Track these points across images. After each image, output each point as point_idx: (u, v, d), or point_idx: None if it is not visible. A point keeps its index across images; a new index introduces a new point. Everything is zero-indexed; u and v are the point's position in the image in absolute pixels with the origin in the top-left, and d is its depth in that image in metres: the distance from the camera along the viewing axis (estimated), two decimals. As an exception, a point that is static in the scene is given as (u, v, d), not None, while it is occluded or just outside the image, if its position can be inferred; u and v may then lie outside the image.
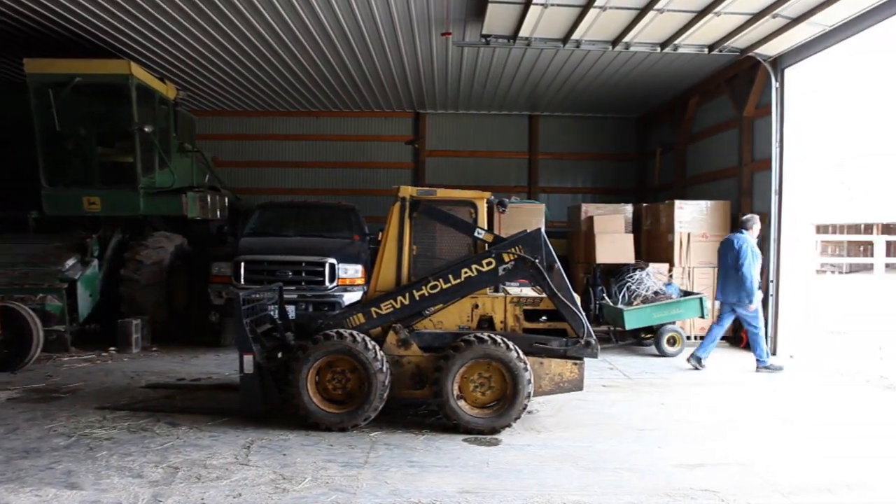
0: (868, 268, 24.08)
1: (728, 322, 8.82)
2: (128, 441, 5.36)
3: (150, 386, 7.27)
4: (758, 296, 8.41)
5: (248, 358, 5.78)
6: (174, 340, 10.03)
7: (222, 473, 4.66)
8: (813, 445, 5.59)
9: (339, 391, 5.84)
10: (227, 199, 12.05)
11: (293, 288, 9.10)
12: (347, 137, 15.25)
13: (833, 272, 27.30)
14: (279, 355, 6.08)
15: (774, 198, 9.70)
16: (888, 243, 25.04)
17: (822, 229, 31.19)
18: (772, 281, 9.72)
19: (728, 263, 8.55)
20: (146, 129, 9.68)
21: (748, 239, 8.52)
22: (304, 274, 9.33)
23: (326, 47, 10.14)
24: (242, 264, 9.23)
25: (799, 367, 9.01)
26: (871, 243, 24.90)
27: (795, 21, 8.26)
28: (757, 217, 8.87)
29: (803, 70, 9.56)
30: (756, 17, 8.25)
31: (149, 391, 7.07)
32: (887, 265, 23.67)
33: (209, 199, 11.03)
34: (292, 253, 9.50)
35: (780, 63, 9.62)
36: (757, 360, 8.61)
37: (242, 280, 9.14)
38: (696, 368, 8.64)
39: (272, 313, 6.77)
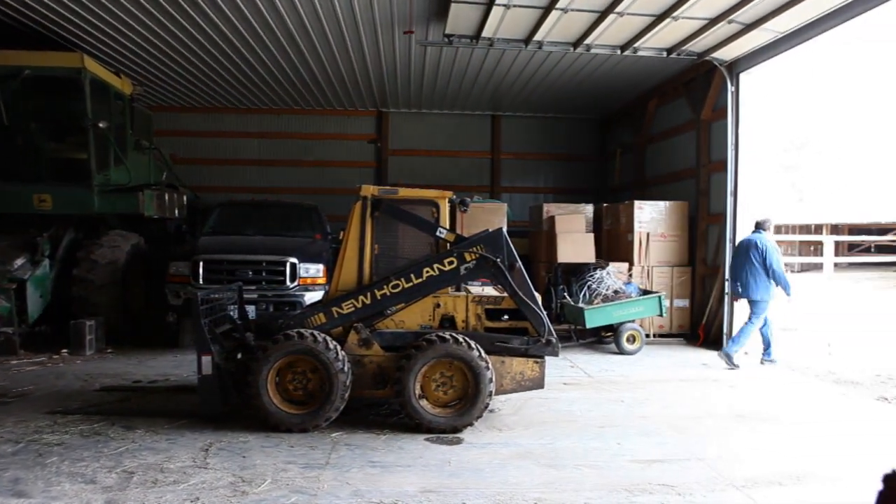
0: (818, 267, 24.86)
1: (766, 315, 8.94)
2: (80, 446, 5.20)
3: (105, 389, 7.07)
4: (792, 289, 8.74)
5: (206, 359, 5.67)
6: (130, 342, 9.79)
7: (179, 477, 4.57)
8: (765, 440, 5.75)
9: (299, 392, 5.78)
10: (185, 198, 11.81)
11: (253, 288, 8.96)
12: (309, 136, 15.11)
13: (786, 271, 28.09)
14: (238, 356, 5.99)
15: (730, 199, 9.95)
16: (836, 243, 25.90)
17: (774, 230, 32.11)
18: (727, 280, 9.96)
19: (753, 262, 8.71)
20: (101, 125, 9.42)
21: (770, 238, 8.85)
22: (264, 273, 9.21)
23: (287, 43, 10.02)
24: (201, 264, 9.07)
25: (752, 363, 9.26)
26: (820, 243, 25.72)
27: (749, 27, 8.49)
28: (771, 218, 9.16)
29: (757, 75, 9.83)
30: (712, 22, 8.44)
31: (103, 394, 6.87)
32: (836, 264, 24.47)
33: (167, 197, 10.80)
34: (252, 252, 9.37)
35: (735, 67, 9.87)
36: (727, 352, 8.77)
37: (201, 280, 8.97)
38: (772, 362, 8.88)
39: (232, 313, 6.65)
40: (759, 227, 9.04)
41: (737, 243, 9.40)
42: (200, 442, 5.33)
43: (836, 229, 27.74)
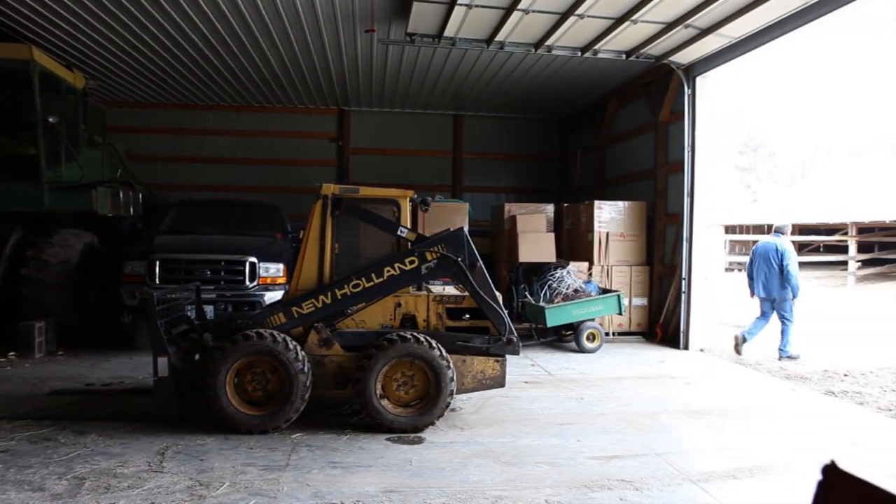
0: (771, 266, 25.56)
1: (771, 315, 9.59)
2: (28, 452, 5.03)
3: (55, 392, 6.85)
4: (800, 291, 9.36)
5: (162, 360, 5.55)
6: (83, 344, 9.51)
7: (134, 482, 4.46)
8: (720, 435, 5.90)
9: (259, 393, 5.70)
10: (141, 196, 11.53)
11: (212, 287, 8.80)
12: (270, 133, 14.91)
13: (740, 270, 28.84)
14: (196, 357, 5.87)
15: (686, 199, 10.16)
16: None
17: (729, 229, 32.95)
18: (684, 279, 10.18)
19: (772, 264, 9.37)
20: (51, 120, 9.13)
21: (788, 243, 9.58)
22: (223, 273, 9.05)
23: (247, 39, 9.86)
24: (157, 263, 8.86)
25: (709, 360, 9.49)
26: (773, 243, 26.42)
27: (705, 32, 8.68)
28: (789, 224, 10.08)
29: (714, 78, 10.07)
30: (669, 26, 8.61)
31: (53, 398, 6.65)
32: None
33: (122, 194, 10.52)
34: (211, 251, 9.19)
35: (692, 71, 10.08)
36: (780, 349, 9.38)
37: (157, 280, 8.77)
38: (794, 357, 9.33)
39: (189, 314, 6.52)
40: (777, 231, 9.84)
41: (754, 250, 10.02)
42: (156, 445, 5.22)
43: (787, 229, 28.51)
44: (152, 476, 4.58)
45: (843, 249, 25.09)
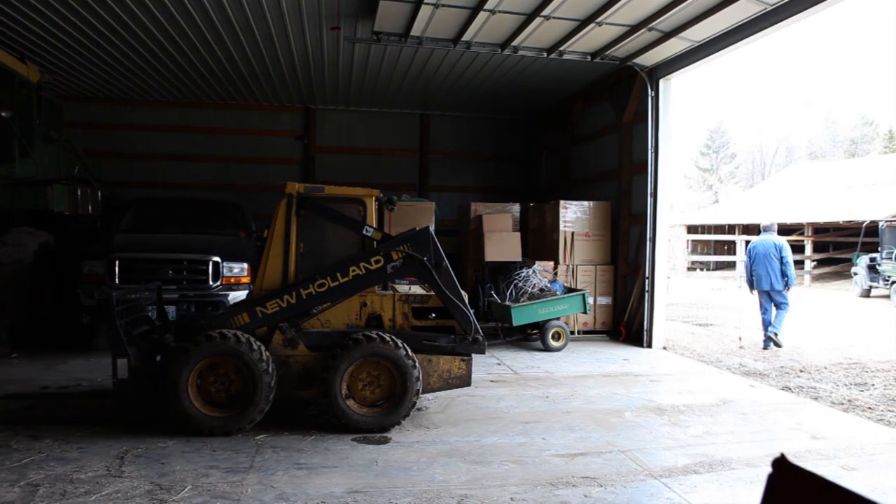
0: (731, 265, 26.15)
1: (771, 305, 10.52)
2: (-21, 458, 4.88)
3: (8, 396, 6.61)
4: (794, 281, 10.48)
5: (121, 362, 5.43)
6: (39, 345, 9.24)
7: (92, 488, 4.35)
8: (683, 430, 6.00)
9: (222, 394, 5.61)
10: (99, 193, 11.25)
11: (174, 287, 8.64)
12: (234, 131, 14.68)
13: (702, 269, 29.46)
14: (157, 358, 5.76)
15: (650, 200, 10.32)
16: (747, 243, 27.27)
17: (692, 229, 33.61)
18: (647, 278, 10.34)
19: (773, 259, 10.32)
20: (3, 114, 8.84)
21: (783, 238, 10.60)
22: (185, 273, 8.89)
23: (210, 34, 9.67)
24: (117, 262, 8.66)
25: (672, 358, 9.66)
26: (733, 242, 27.07)
27: (668, 35, 8.83)
28: (776, 221, 11.26)
29: (677, 81, 10.26)
30: (633, 29, 8.73)
31: (6, 402, 6.42)
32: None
33: (79, 192, 10.24)
34: (173, 250, 9.02)
35: (655, 73, 10.24)
36: (774, 332, 10.33)
37: (117, 279, 8.57)
38: (778, 346, 10.34)
39: (150, 314, 6.40)
40: (767, 230, 10.82)
41: (752, 247, 10.80)
42: (115, 449, 5.09)
43: (747, 230, 29.23)
44: (111, 481, 4.47)
45: (800, 249, 25.80)
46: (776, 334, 10.37)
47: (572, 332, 10.61)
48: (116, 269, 8.63)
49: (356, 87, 13.13)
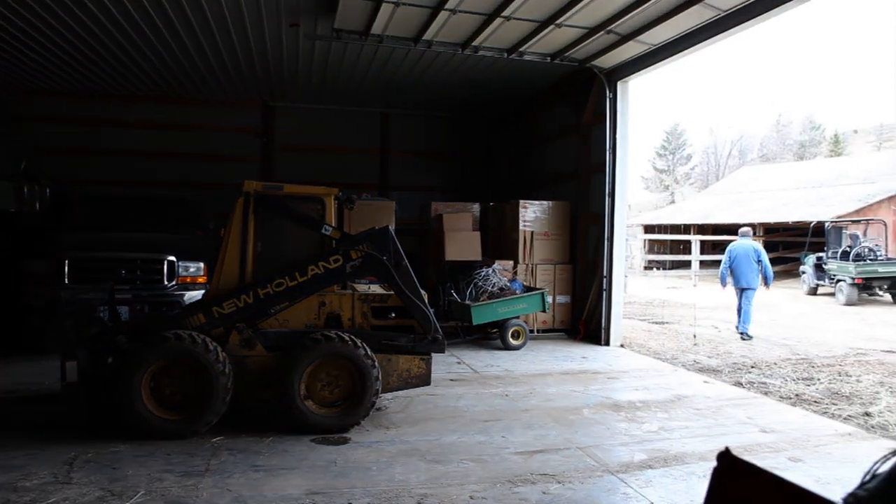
0: (687, 265, 26.75)
1: (742, 301, 11.66)
2: (-82, 466, 4.67)
3: (-50, 400, 6.39)
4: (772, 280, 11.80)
5: (70, 365, 5.28)
6: (-18, 348, 8.90)
7: (37, 496, 4.21)
8: (639, 426, 6.12)
9: (177, 396, 5.49)
10: (48, 190, 10.89)
11: (127, 287, 8.42)
12: (190, 127, 14.33)
13: (658, 268, 30.04)
14: (109, 360, 5.60)
15: (608, 200, 10.48)
16: (702, 242, 27.97)
17: (649, 229, 34.27)
18: (605, 277, 10.50)
19: (751, 261, 11.44)
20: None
21: (758, 242, 11.79)
22: (139, 272, 8.68)
23: (164, 25, 9.31)
24: (67, 262, 8.40)
25: (629, 355, 9.83)
26: (689, 242, 27.68)
27: (626, 38, 8.99)
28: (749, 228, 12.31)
29: (635, 83, 10.45)
30: (592, 31, 8.86)
31: (-52, 406, 6.21)
32: (701, 262, 26.42)
33: (26, 189, 9.91)
34: (126, 249, 8.79)
35: (613, 75, 10.40)
36: (743, 327, 11.53)
37: (67, 279, 8.31)
38: (748, 338, 11.42)
39: (102, 315, 6.22)
40: (744, 234, 11.86)
41: (732, 249, 11.84)
42: (64, 455, 4.94)
43: (702, 229, 29.93)
44: (59, 488, 4.33)
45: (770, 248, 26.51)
46: (746, 332, 11.57)
47: (532, 331, 10.71)
48: (66, 268, 8.37)
49: (316, 85, 12.98)
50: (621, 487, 4.64)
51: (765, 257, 11.62)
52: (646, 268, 29.68)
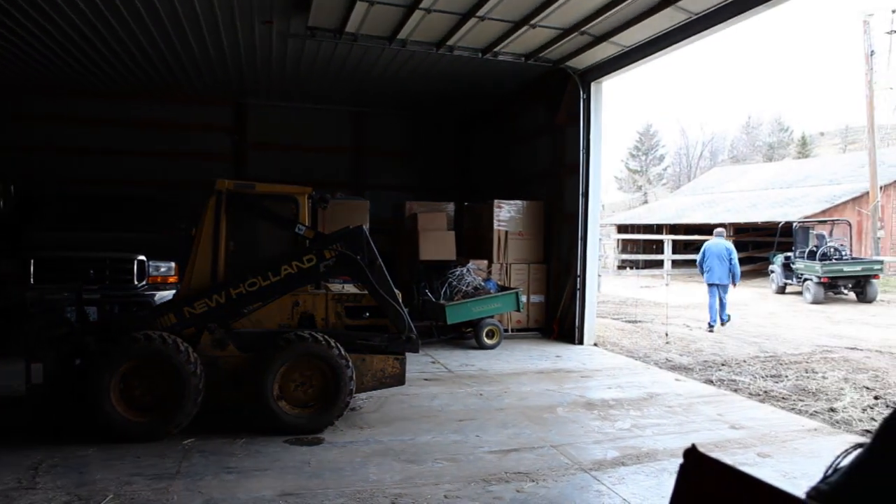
0: (659, 264, 27.07)
1: (717, 295, 12.79)
2: None
3: (-90, 404, 6.21)
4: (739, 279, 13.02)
5: (36, 367, 5.16)
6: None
7: (1, 502, 4.11)
8: (612, 424, 6.18)
9: (147, 398, 5.41)
10: (12, 188, 10.64)
11: (96, 287, 8.26)
12: (161, 125, 14.10)
13: (631, 268, 30.36)
14: (77, 362, 5.50)
15: (581, 200, 10.56)
16: (674, 242, 28.32)
17: (622, 229, 34.62)
18: (579, 276, 10.58)
19: (723, 258, 12.52)
20: None
21: (730, 242, 13.09)
22: (108, 272, 8.51)
23: (133, 19, 9.02)
24: (33, 262, 8.21)
25: (601, 353, 9.92)
26: (661, 242, 28.02)
27: (599, 39, 9.07)
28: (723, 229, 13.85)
29: (608, 84, 10.56)
30: (566, 32, 8.92)
31: None
32: (673, 262, 26.78)
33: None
34: (94, 248, 8.62)
35: (587, 76, 10.49)
36: (723, 317, 12.83)
37: (33, 279, 8.12)
38: (716, 326, 12.66)
39: (70, 316, 6.10)
40: (719, 234, 13.07)
41: (706, 247, 12.95)
42: (29, 460, 4.82)
43: (674, 229, 30.32)
44: (22, 494, 4.23)
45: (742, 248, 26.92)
46: (725, 319, 12.90)
47: (506, 330, 10.75)
48: (32, 268, 8.19)
49: (290, 83, 12.87)
50: (594, 485, 4.68)
51: (734, 256, 12.52)
52: (619, 267, 29.99)
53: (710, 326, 12.68)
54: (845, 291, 18.27)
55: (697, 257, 13.42)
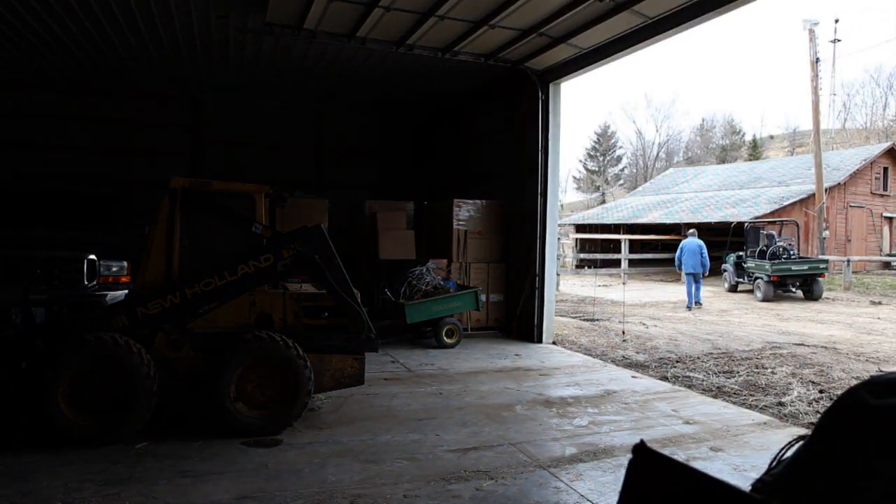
0: (617, 263, 27.51)
1: (693, 283, 16.24)
2: None
3: None
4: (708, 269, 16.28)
5: (-21, 370, 4.96)
6: None
7: (-59, 509, 3.96)
8: (570, 422, 6.27)
9: (99, 401, 5.26)
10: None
11: (43, 288, 7.99)
12: (115, 120, 13.72)
13: (590, 267, 30.78)
14: (22, 365, 5.31)
15: (540, 200, 10.67)
16: (631, 242, 28.82)
17: (580, 229, 35.08)
18: (537, 275, 10.69)
19: (695, 252, 15.84)
20: None
21: (701, 241, 16.15)
22: (56, 272, 8.24)
23: (79, 5, 8.69)
24: (-26, 261, 7.90)
25: (560, 352, 10.04)
26: (619, 241, 28.48)
27: (557, 41, 9.17)
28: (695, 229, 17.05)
29: (567, 85, 10.70)
30: (525, 33, 9.00)
31: None
32: (630, 261, 27.25)
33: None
34: (42, 247, 8.34)
35: (546, 77, 10.60)
36: (697, 301, 16.22)
37: (-26, 280, 7.82)
38: (692, 308, 15.90)
39: (15, 318, 5.88)
40: (693, 234, 16.32)
41: (683, 244, 16.29)
42: (-29, 466, 4.66)
43: (630, 229, 30.85)
44: (-35, 501, 4.08)
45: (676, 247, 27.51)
46: (699, 302, 16.28)
47: (465, 329, 10.79)
48: (-26, 268, 7.87)
49: (249, 79, 12.66)
50: (552, 482, 4.74)
51: (705, 251, 15.93)
52: (577, 266, 30.37)
53: (688, 308, 15.81)
54: (793, 290, 18.87)
55: (676, 254, 16.41)
